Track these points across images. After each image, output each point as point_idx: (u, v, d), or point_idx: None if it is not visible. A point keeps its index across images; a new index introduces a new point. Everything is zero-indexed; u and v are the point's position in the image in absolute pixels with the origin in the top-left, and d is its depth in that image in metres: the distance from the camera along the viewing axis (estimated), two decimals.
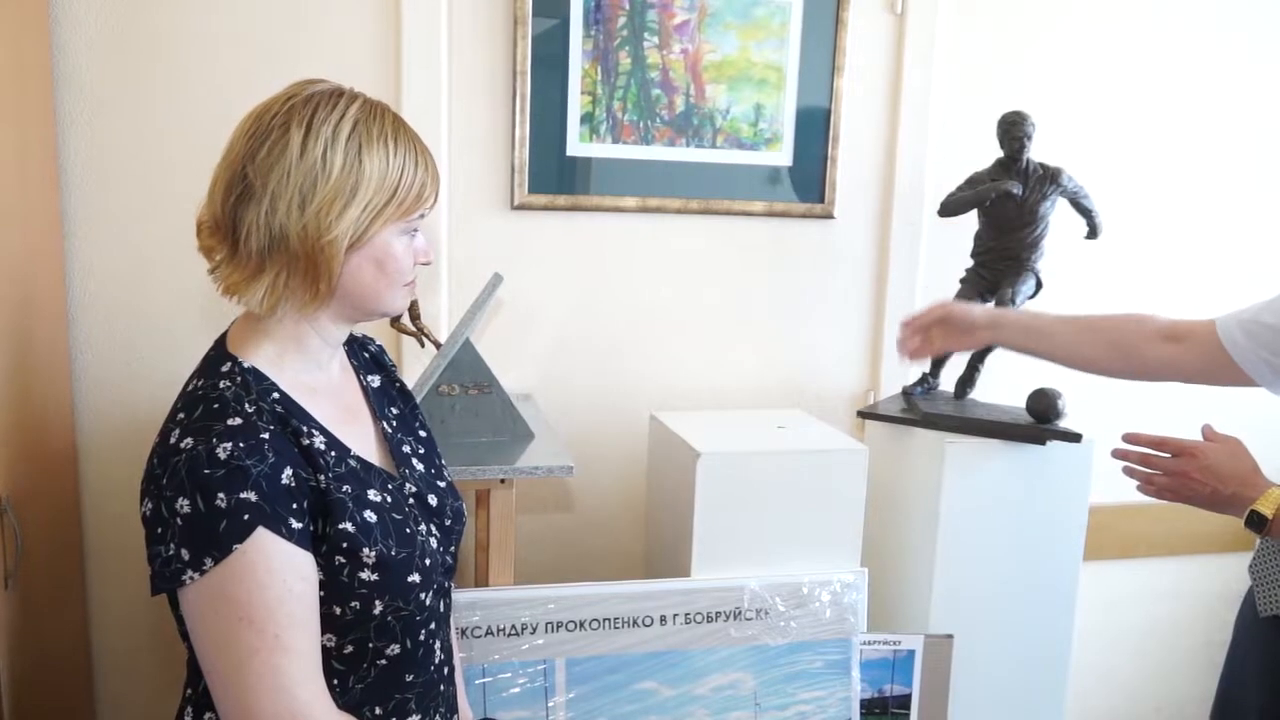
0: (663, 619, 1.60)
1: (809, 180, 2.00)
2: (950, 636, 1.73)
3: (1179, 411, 1.78)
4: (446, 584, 1.10)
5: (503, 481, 1.55)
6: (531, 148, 1.86)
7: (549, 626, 1.56)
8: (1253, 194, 2.26)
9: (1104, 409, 1.92)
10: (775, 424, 1.83)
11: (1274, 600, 1.35)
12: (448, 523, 1.11)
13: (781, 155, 1.98)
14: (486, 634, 1.53)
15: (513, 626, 1.55)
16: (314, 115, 0.94)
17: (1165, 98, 2.18)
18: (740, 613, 1.63)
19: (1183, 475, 1.37)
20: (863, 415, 1.91)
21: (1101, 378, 1.77)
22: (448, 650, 1.12)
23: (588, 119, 1.87)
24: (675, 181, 1.94)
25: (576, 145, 1.88)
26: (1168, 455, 1.39)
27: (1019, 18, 2.07)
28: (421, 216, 1.02)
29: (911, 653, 1.73)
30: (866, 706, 1.70)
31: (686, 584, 1.62)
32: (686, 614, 1.61)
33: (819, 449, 1.72)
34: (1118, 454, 1.44)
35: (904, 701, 1.74)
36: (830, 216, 2.03)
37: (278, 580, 0.88)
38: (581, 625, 1.57)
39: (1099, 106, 2.14)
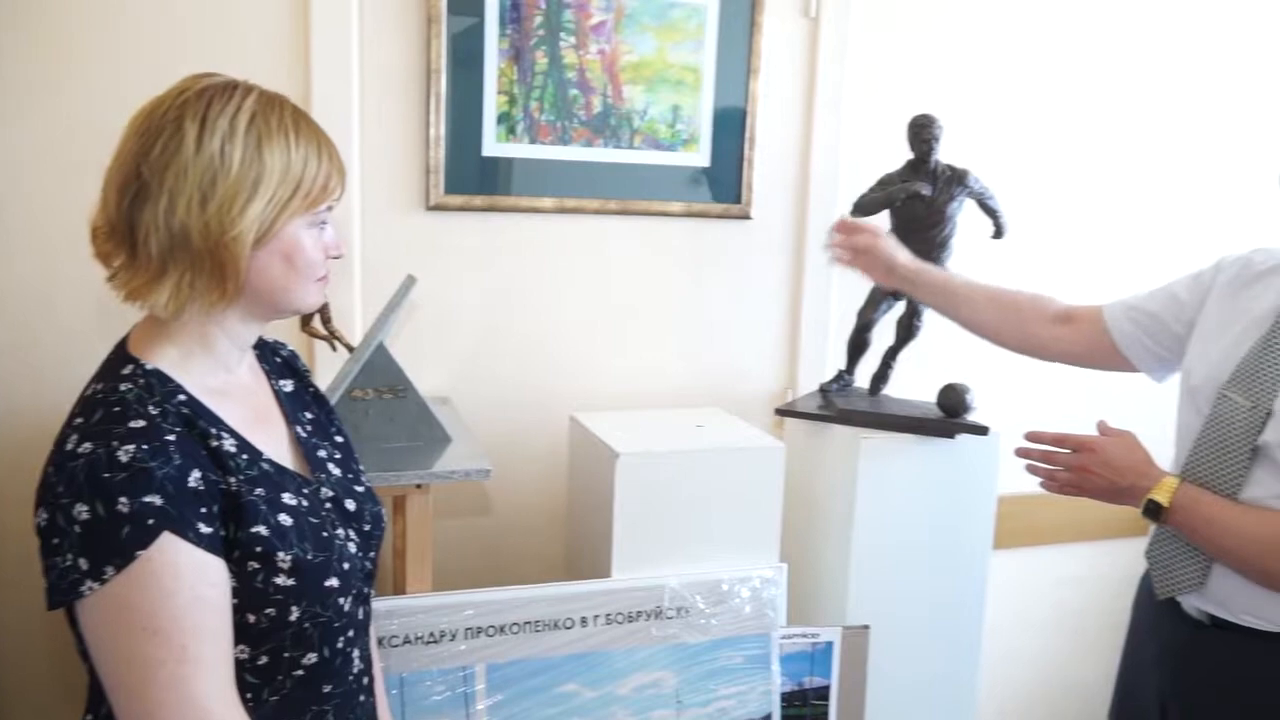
0: (584, 620, 1.59)
1: (726, 181, 2.02)
2: (867, 627, 1.76)
3: (1078, 405, 1.85)
4: (366, 590, 1.08)
5: (419, 487, 1.53)
6: (447, 147, 1.83)
7: (469, 632, 1.54)
8: (1147, 193, 2.36)
9: (1010, 403, 1.99)
10: (694, 423, 1.84)
11: (1169, 583, 1.41)
12: (367, 528, 1.09)
13: (699, 156, 1.99)
14: (404, 643, 1.50)
15: (431, 634, 1.52)
16: (209, 109, 0.91)
17: (1068, 101, 2.26)
18: (661, 612, 1.63)
19: (1082, 470, 1.42)
20: (780, 413, 1.94)
21: (1005, 370, 1.84)
22: (367, 660, 1.10)
23: (504, 119, 1.86)
24: (593, 182, 1.94)
25: (493, 145, 1.86)
26: (1067, 451, 1.44)
27: (928, 23, 2.12)
28: (329, 208, 1.00)
29: (830, 645, 1.76)
30: (787, 699, 1.72)
31: (607, 585, 1.62)
32: (607, 614, 1.60)
33: (737, 447, 1.73)
34: (1021, 452, 1.49)
35: (823, 693, 1.76)
36: (747, 217, 2.05)
37: (185, 587, 0.85)
38: (502, 630, 1.55)
39: (1005, 109, 2.21)
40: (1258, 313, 1.38)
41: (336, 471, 1.09)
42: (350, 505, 1.07)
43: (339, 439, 1.15)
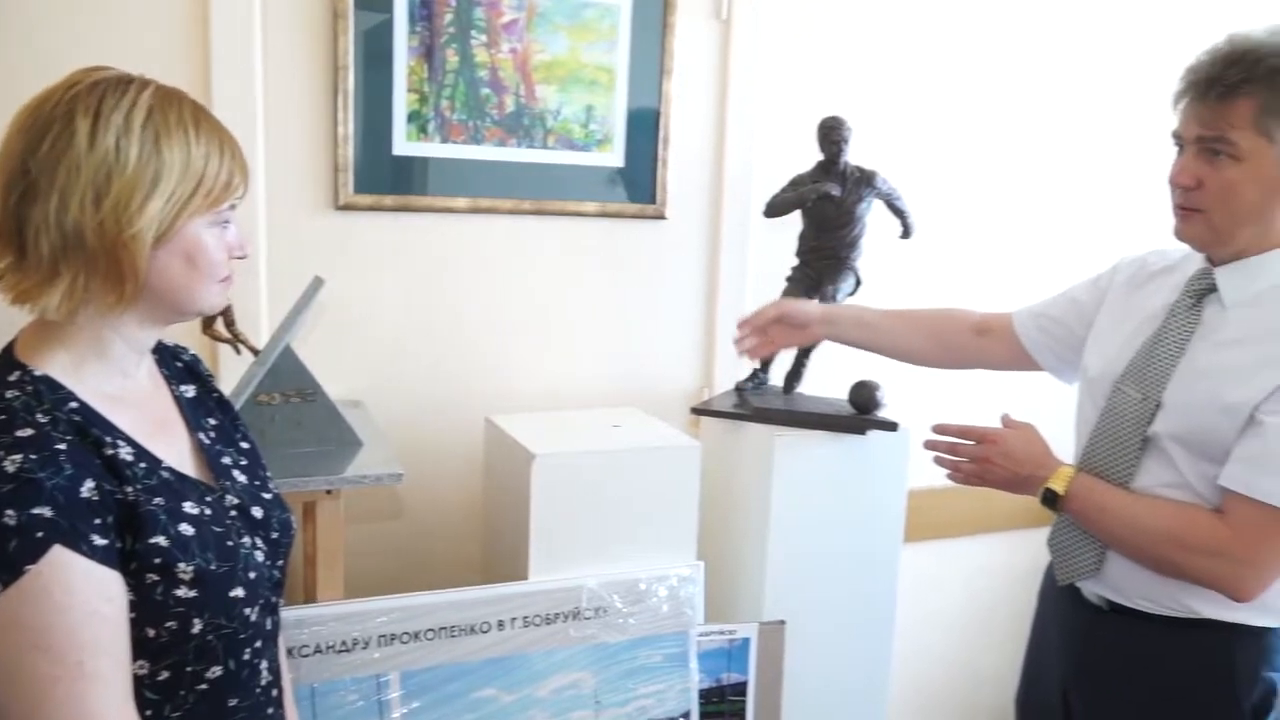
0: (500, 624, 1.58)
1: (640, 181, 2.03)
2: (782, 623, 1.79)
3: (984, 399, 1.91)
4: (274, 600, 1.05)
5: (329, 492, 1.50)
6: (356, 146, 1.80)
7: (382, 640, 1.51)
8: (1050, 194, 2.45)
9: (919, 399, 2.04)
10: (611, 423, 1.84)
11: (1068, 569, 1.46)
12: (274, 535, 1.06)
13: (613, 156, 2.00)
14: (316, 652, 1.47)
15: (344, 642, 1.49)
16: (101, 103, 0.88)
17: (974, 103, 2.33)
18: (579, 612, 1.63)
19: (985, 461, 1.47)
20: (696, 412, 1.95)
21: (917, 368, 1.89)
22: (275, 671, 1.07)
23: (415, 117, 1.83)
24: (507, 182, 1.92)
25: (404, 144, 1.83)
26: (972, 443, 1.49)
27: (839, 26, 2.16)
28: (232, 207, 0.97)
29: (746, 641, 1.78)
30: (705, 696, 1.74)
31: (524, 587, 1.61)
32: (524, 617, 1.59)
33: (653, 446, 1.74)
34: (928, 445, 1.53)
35: (740, 689, 1.78)
36: (662, 217, 2.06)
37: (79, 602, 0.82)
38: (416, 636, 1.53)
39: (914, 111, 2.26)
40: (1150, 310, 1.44)
41: (242, 478, 1.05)
42: (257, 513, 1.04)
43: (244, 445, 1.11)
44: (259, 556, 1.00)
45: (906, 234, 1.91)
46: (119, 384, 0.96)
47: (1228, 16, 2.39)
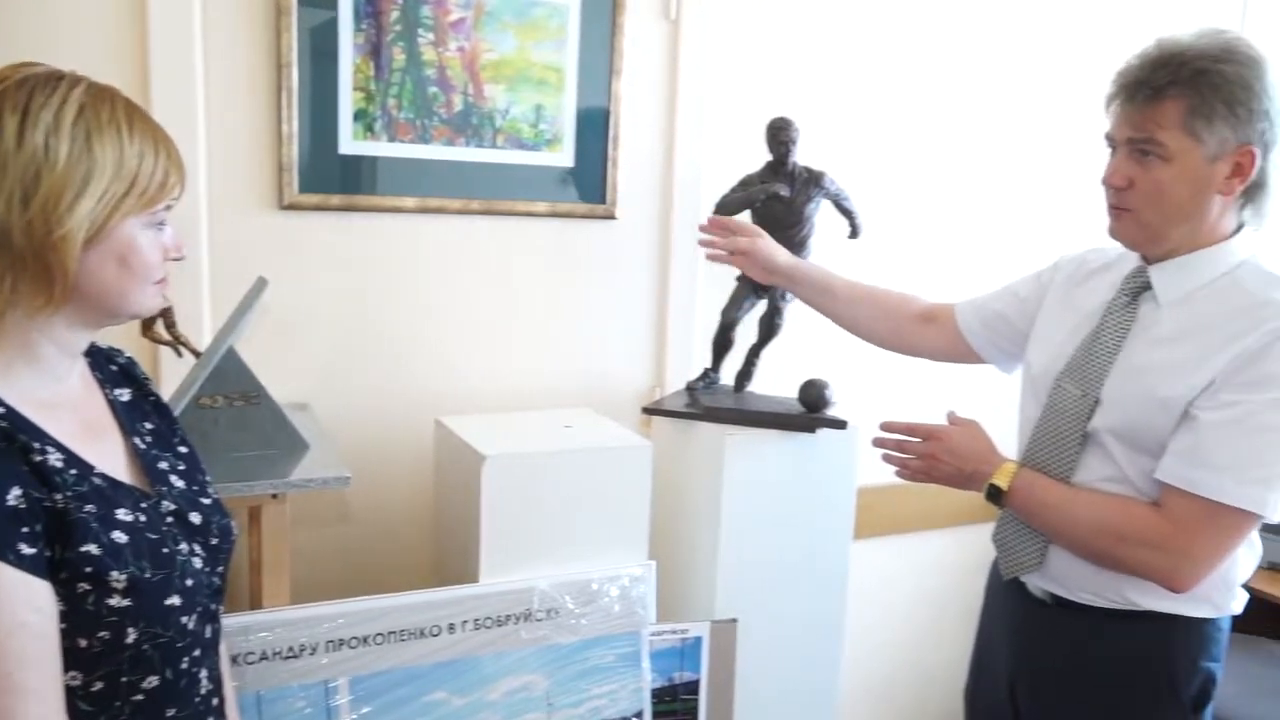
0: (451, 627, 1.57)
1: (591, 181, 2.03)
2: (734, 621, 1.80)
3: (931, 396, 1.93)
4: (214, 607, 1.03)
5: (274, 496, 1.47)
6: (301, 145, 1.77)
7: (330, 645, 1.49)
8: (995, 193, 2.48)
9: (868, 396, 2.06)
10: (562, 424, 1.83)
11: (1014, 564, 1.48)
12: (214, 541, 1.04)
13: (563, 156, 1.99)
14: (262, 659, 1.44)
15: (291, 649, 1.47)
16: (30, 100, 0.86)
17: (919, 104, 2.35)
18: (530, 614, 1.62)
19: (931, 458, 1.49)
20: (647, 411, 1.95)
21: (865, 366, 1.91)
22: (217, 680, 1.05)
23: (362, 116, 1.81)
24: (456, 181, 1.90)
25: (350, 143, 1.81)
26: (919, 440, 1.50)
27: (788, 27, 2.17)
28: (168, 208, 0.95)
29: (699, 639, 1.78)
30: (657, 695, 1.74)
31: (474, 589, 1.60)
32: (475, 620, 1.58)
33: (604, 447, 1.74)
34: (876, 442, 1.55)
35: (693, 687, 1.79)
36: (612, 217, 2.06)
37: (5, 613, 0.80)
38: (365, 641, 1.51)
39: (863, 112, 2.28)
40: (1089, 307, 1.47)
41: (180, 483, 1.03)
42: (195, 518, 1.02)
43: (183, 449, 1.09)
44: (197, 563, 0.98)
45: (854, 234, 1.93)
46: (50, 388, 0.94)
47: (1162, 20, 2.46)
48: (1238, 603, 1.41)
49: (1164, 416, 1.31)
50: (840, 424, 1.84)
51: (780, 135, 1.83)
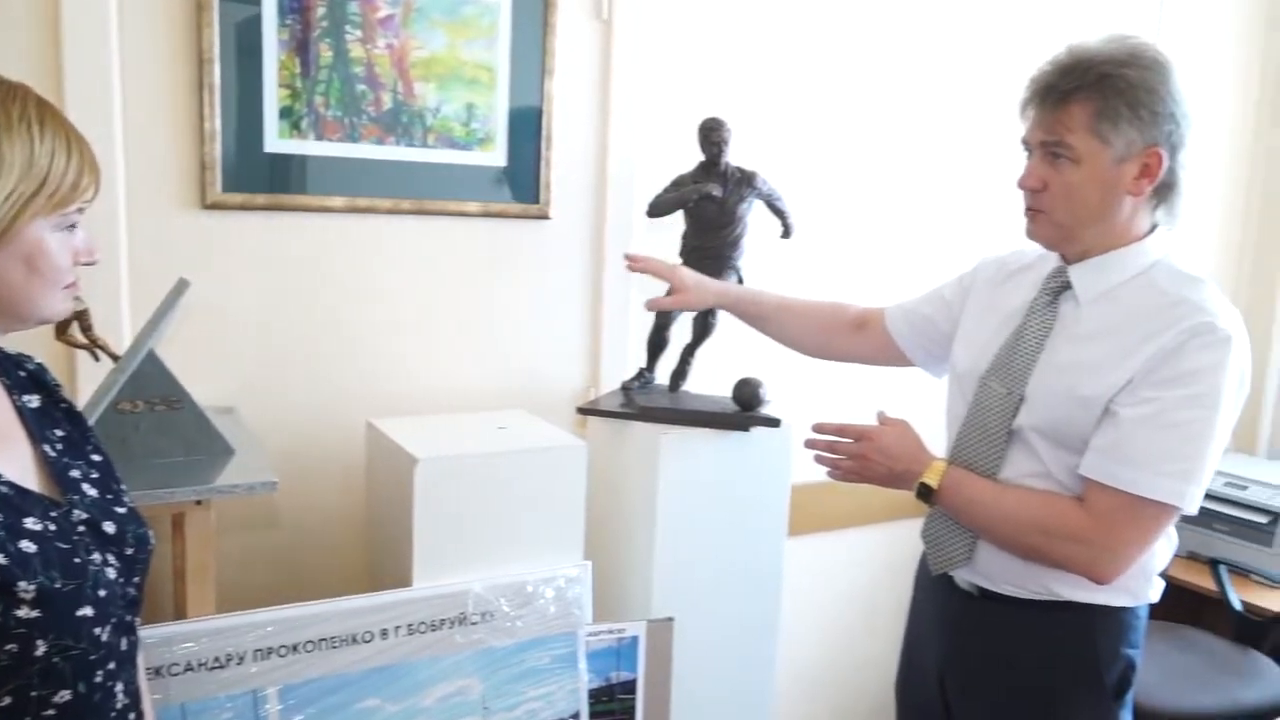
0: (384, 632, 1.54)
1: (524, 181, 2.01)
2: (671, 619, 1.80)
3: (864, 395, 1.96)
4: (129, 619, 1.00)
5: (198, 503, 1.44)
6: (225, 142, 1.73)
7: (258, 654, 1.46)
8: (924, 194, 2.52)
9: (801, 395, 2.08)
10: (496, 425, 1.82)
11: (942, 560, 1.51)
12: (129, 551, 1.01)
13: (495, 156, 1.97)
14: (187, 670, 1.41)
15: (217, 659, 1.43)
16: None
17: (851, 106, 2.38)
18: (465, 618, 1.60)
19: (862, 458, 1.51)
20: (582, 411, 1.95)
21: (797, 366, 1.93)
22: (134, 694, 1.02)
23: (288, 114, 1.77)
24: (386, 181, 1.88)
25: (276, 141, 1.77)
26: (850, 441, 1.52)
27: (721, 27, 2.18)
28: (80, 210, 0.92)
29: (635, 639, 1.78)
30: (594, 696, 1.74)
31: (407, 594, 1.58)
32: (409, 625, 1.56)
33: (539, 448, 1.73)
34: (808, 443, 1.56)
35: (630, 687, 1.79)
36: (546, 217, 2.05)
37: None
38: (295, 649, 1.48)
39: (793, 112, 2.30)
40: (1011, 307, 1.50)
41: (93, 492, 1.00)
42: (109, 528, 0.99)
43: (96, 457, 1.06)
44: (110, 574, 0.95)
45: (787, 234, 1.94)
46: None
47: (1083, 26, 2.52)
48: (1155, 591, 1.45)
49: (1085, 413, 1.35)
50: (774, 422, 1.86)
51: (712, 136, 1.84)
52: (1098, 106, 1.32)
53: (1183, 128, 1.33)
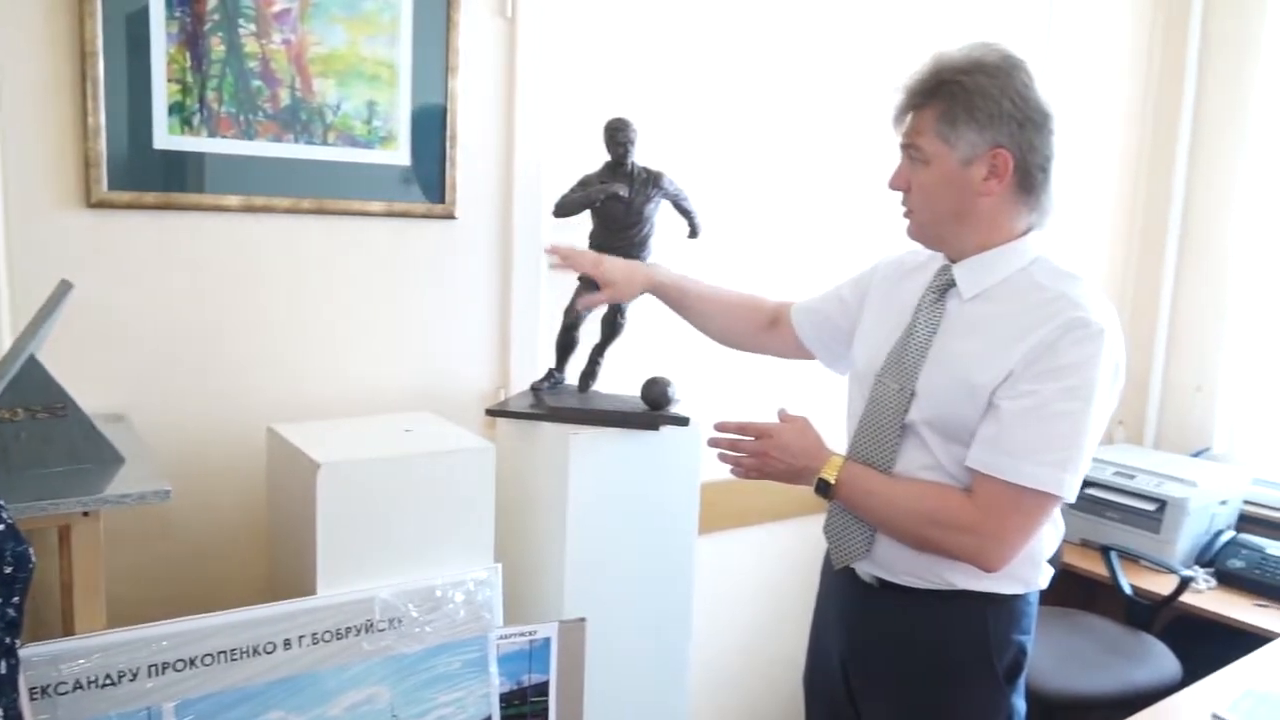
0: (286, 643, 1.51)
1: (429, 180, 1.98)
2: (583, 620, 1.80)
3: (771, 392, 1.99)
4: (9, 641, 0.95)
5: (85, 514, 1.38)
6: (110, 139, 1.66)
7: (153, 669, 1.41)
8: (833, 192, 2.57)
9: (710, 393, 2.10)
10: (402, 428, 1.79)
11: (843, 553, 1.55)
12: (8, 570, 0.96)
13: (399, 154, 1.94)
14: (76, 689, 1.35)
15: (109, 676, 1.38)
16: None
17: (758, 105, 2.41)
18: (372, 625, 1.58)
19: (763, 455, 1.54)
20: (491, 413, 1.93)
21: (704, 362, 1.96)
22: (16, 718, 0.97)
23: (178, 109, 1.71)
24: (284, 179, 1.83)
25: (166, 138, 1.71)
26: (751, 439, 1.55)
27: (625, 27, 2.18)
28: None
29: (547, 640, 1.77)
30: (506, 700, 1.72)
31: (311, 603, 1.54)
32: (313, 634, 1.53)
33: (445, 450, 1.70)
34: (711, 442, 1.59)
35: (542, 689, 1.78)
36: (452, 217, 2.02)
37: None
38: (193, 663, 1.44)
39: (700, 112, 2.32)
40: (904, 305, 1.55)
41: None
42: None
43: None
44: None
45: (694, 233, 1.96)
46: None
47: (979, 28, 2.60)
48: (1044, 578, 1.51)
49: (971, 406, 1.40)
50: (683, 421, 1.87)
51: (618, 136, 1.84)
52: (940, 111, 1.40)
53: (1027, 129, 1.39)
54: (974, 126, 1.39)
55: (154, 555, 1.82)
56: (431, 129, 1.96)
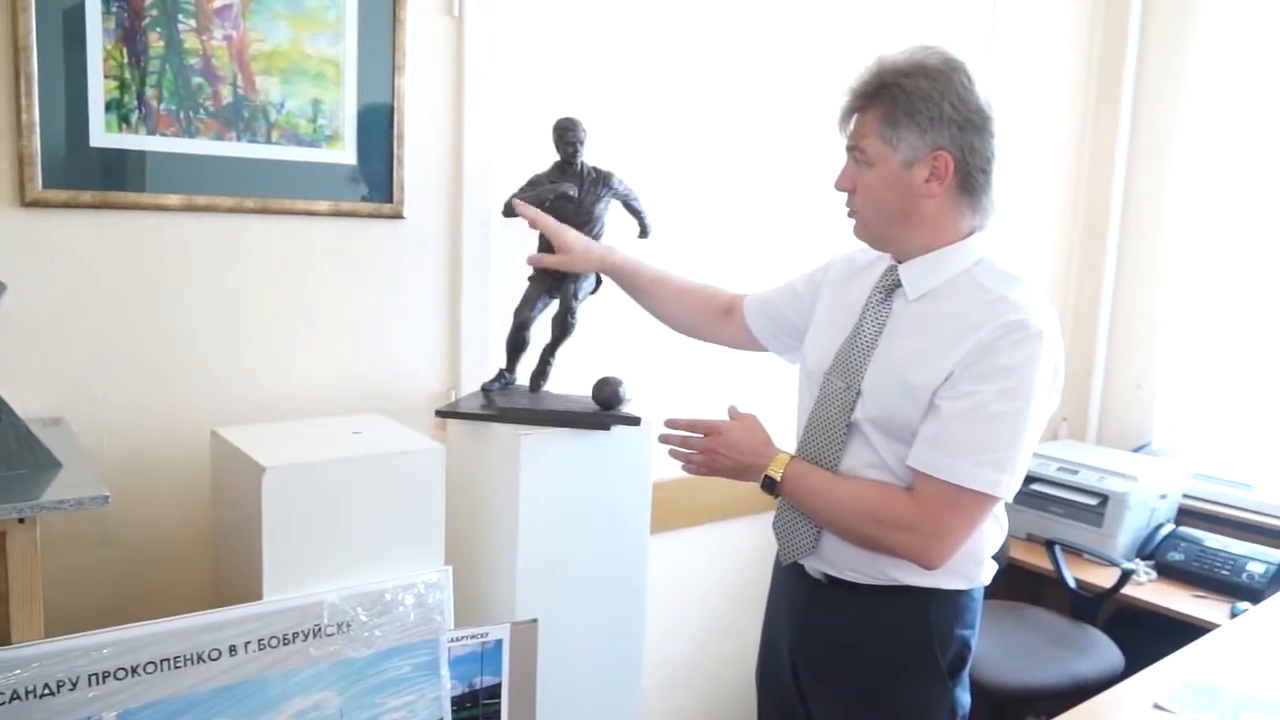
0: (232, 649, 1.48)
1: (376, 179, 1.96)
2: (535, 621, 1.79)
3: (719, 391, 2.00)
4: None
5: (21, 521, 1.34)
6: (46, 136, 1.62)
7: (94, 678, 1.38)
8: (783, 191, 2.59)
9: (661, 392, 2.11)
10: (350, 430, 1.77)
11: (791, 550, 1.56)
12: None
13: (345, 153, 1.92)
14: (14, 699, 1.32)
15: (47, 685, 1.35)
16: None
17: (707, 104, 2.42)
18: (320, 630, 1.55)
19: (711, 452, 1.55)
20: (441, 414, 1.91)
21: (656, 361, 1.96)
22: None
23: (116, 106, 1.68)
24: (227, 178, 1.80)
25: (103, 135, 1.67)
26: (700, 436, 1.56)
27: (573, 26, 2.18)
28: None
29: (499, 643, 1.76)
30: (457, 703, 1.71)
31: (257, 608, 1.51)
32: (259, 640, 1.50)
33: (395, 452, 1.69)
34: (662, 439, 1.60)
35: (494, 691, 1.77)
36: (400, 216, 2.00)
37: None
38: (135, 671, 1.41)
39: (649, 111, 2.32)
40: (853, 304, 1.57)
41: None
42: None
43: None
44: None
45: (644, 233, 1.96)
46: None
47: (929, 31, 2.64)
48: (987, 574, 1.54)
49: (913, 406, 1.42)
50: (634, 420, 1.87)
51: (567, 135, 1.84)
52: (882, 113, 1.43)
53: (967, 131, 1.42)
54: (915, 129, 1.41)
55: (94, 562, 1.78)
56: (378, 128, 1.94)
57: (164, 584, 1.84)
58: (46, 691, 1.34)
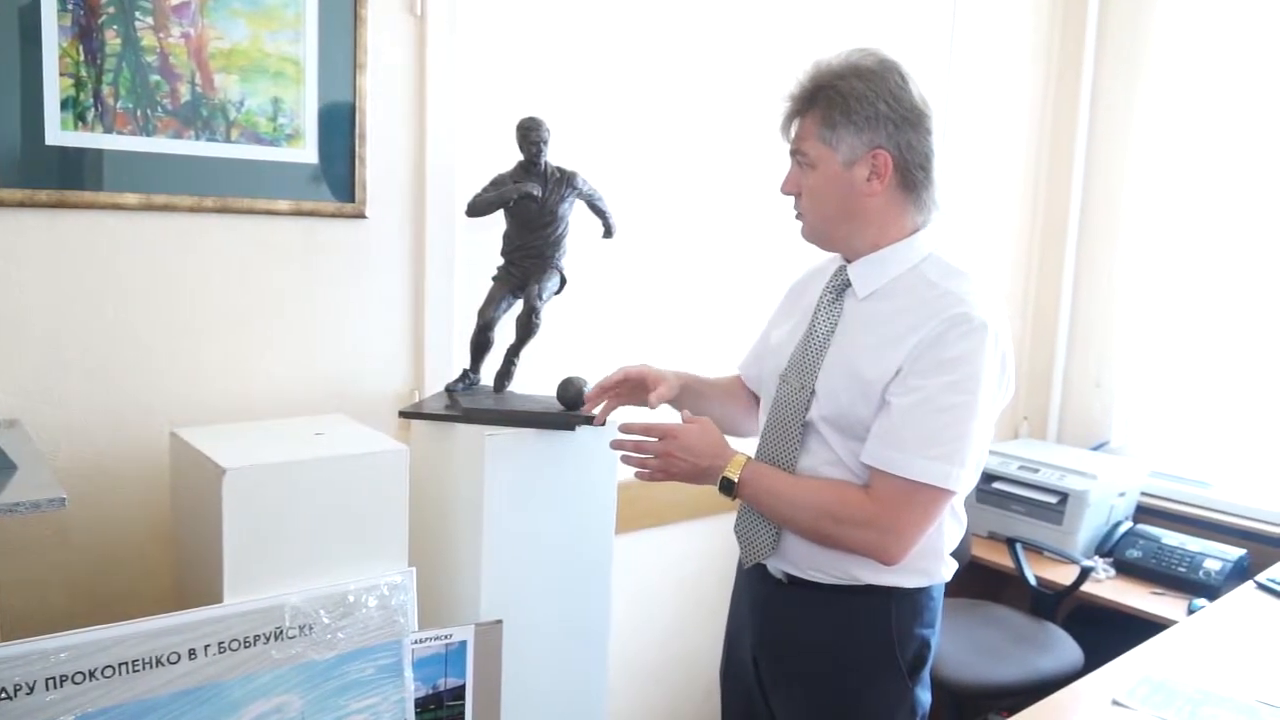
0: (192, 653, 1.46)
1: (338, 179, 1.95)
2: (499, 622, 1.79)
3: None
4: None
5: None
6: (1, 134, 1.60)
7: (51, 683, 1.36)
8: (747, 193, 2.59)
9: None
10: (313, 431, 1.76)
11: (752, 551, 1.57)
12: None
13: (306, 153, 1.90)
14: None
15: (3, 690, 1.33)
16: None
17: (671, 104, 2.43)
18: (282, 632, 1.54)
19: (667, 455, 1.55)
20: (405, 415, 1.91)
21: (620, 361, 1.95)
22: None
23: (71, 104, 1.65)
24: (185, 177, 1.78)
25: (59, 134, 1.65)
26: (655, 440, 1.56)
27: (536, 25, 2.18)
28: None
29: (463, 644, 1.76)
30: (421, 704, 1.70)
31: (217, 611, 1.50)
32: (220, 643, 1.49)
33: (357, 453, 1.68)
34: (614, 444, 1.60)
35: (459, 693, 1.76)
36: (362, 216, 1.99)
37: None
38: (93, 675, 1.39)
39: (615, 111, 2.33)
40: (807, 306, 1.59)
41: None
42: None
43: None
44: None
45: (608, 233, 1.96)
46: None
47: (889, 32, 2.66)
48: (948, 570, 1.56)
49: (866, 404, 1.44)
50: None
51: (531, 135, 1.84)
52: (821, 116, 1.45)
53: (904, 129, 1.44)
54: (852, 129, 1.43)
55: (51, 565, 1.75)
56: (340, 127, 1.93)
57: (123, 587, 1.81)
58: (3, 696, 1.33)
